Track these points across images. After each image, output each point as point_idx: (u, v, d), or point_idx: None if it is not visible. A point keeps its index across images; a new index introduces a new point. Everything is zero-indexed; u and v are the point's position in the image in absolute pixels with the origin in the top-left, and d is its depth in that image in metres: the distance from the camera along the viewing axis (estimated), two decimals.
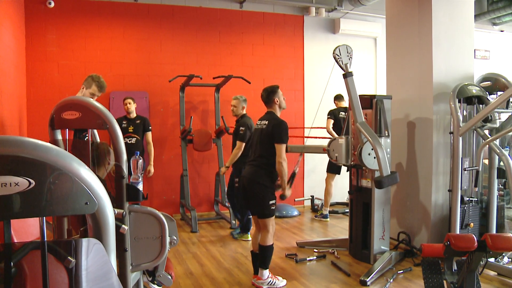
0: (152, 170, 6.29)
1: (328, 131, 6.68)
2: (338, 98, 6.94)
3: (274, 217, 4.11)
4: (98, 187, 1.05)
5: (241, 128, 5.61)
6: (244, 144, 5.56)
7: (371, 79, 8.40)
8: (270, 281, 4.08)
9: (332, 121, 6.69)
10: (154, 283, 2.87)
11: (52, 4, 6.28)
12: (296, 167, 4.50)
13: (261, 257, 4.09)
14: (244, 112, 5.83)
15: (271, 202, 4.04)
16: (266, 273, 4.08)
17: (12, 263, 1.02)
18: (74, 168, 1.01)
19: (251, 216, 5.46)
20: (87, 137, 3.22)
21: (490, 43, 9.48)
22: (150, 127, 6.25)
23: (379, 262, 4.43)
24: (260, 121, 4.24)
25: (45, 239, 1.08)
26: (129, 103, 6.10)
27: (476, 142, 4.86)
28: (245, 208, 5.30)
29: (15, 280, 1.04)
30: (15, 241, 2.31)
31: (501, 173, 4.63)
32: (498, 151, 4.40)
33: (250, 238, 5.65)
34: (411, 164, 5.25)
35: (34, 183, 0.95)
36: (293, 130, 7.11)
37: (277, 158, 4.00)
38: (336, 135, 6.32)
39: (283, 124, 4.09)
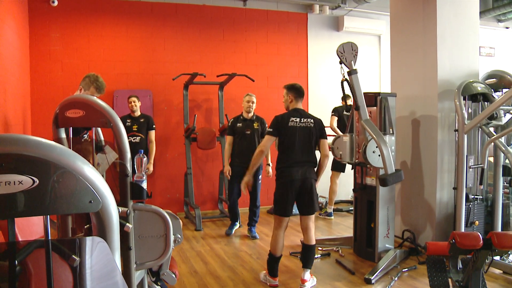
0: (151, 168, 6.28)
1: (331, 128, 6.66)
2: (345, 97, 6.89)
3: None
4: (102, 186, 1.04)
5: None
6: None
7: (376, 76, 8.37)
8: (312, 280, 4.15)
9: (336, 118, 6.67)
10: (157, 284, 2.87)
11: (56, 3, 6.29)
12: None
13: (309, 256, 4.08)
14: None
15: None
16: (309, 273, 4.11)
17: (16, 262, 1.02)
18: (78, 166, 1.00)
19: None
20: (85, 137, 3.21)
21: (495, 40, 9.43)
22: (154, 126, 6.25)
23: (384, 260, 4.42)
24: (300, 118, 4.08)
25: (49, 238, 1.08)
26: (134, 102, 6.09)
27: (481, 139, 4.84)
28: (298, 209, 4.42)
29: (19, 279, 1.04)
30: (19, 239, 2.31)
31: (507, 171, 4.62)
32: (504, 149, 4.38)
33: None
34: (415, 162, 5.23)
35: (38, 181, 0.95)
36: None
37: (325, 153, 4.14)
38: (340, 133, 6.31)
39: (321, 120, 4.23)
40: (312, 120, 4.11)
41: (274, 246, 4.05)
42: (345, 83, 4.44)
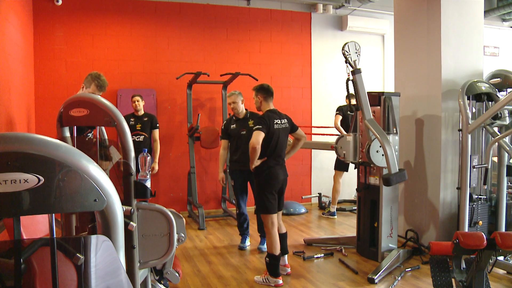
0: (156, 167, 6.25)
1: (336, 127, 6.65)
2: (350, 96, 6.87)
3: None
4: (107, 184, 1.05)
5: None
6: None
7: (379, 76, 8.35)
8: None
9: (340, 117, 6.66)
10: (161, 283, 2.88)
11: (60, 2, 6.31)
12: None
13: (285, 243, 4.39)
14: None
15: None
16: None
17: (22, 260, 1.02)
18: (83, 165, 1.01)
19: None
20: (89, 136, 3.22)
21: (500, 40, 9.40)
22: (157, 125, 6.24)
23: (387, 260, 4.41)
24: (279, 120, 4.22)
25: (54, 236, 1.08)
26: (138, 101, 6.09)
27: (485, 139, 4.83)
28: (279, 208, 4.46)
29: (24, 277, 1.04)
30: (24, 237, 2.32)
31: (511, 171, 4.60)
32: (508, 149, 4.36)
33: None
34: (419, 161, 5.22)
35: (43, 180, 0.95)
36: (301, 128, 7.09)
37: (303, 135, 4.50)
38: (343, 131, 6.30)
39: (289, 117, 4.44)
40: (286, 120, 4.30)
41: (274, 246, 4.09)
42: (350, 83, 4.46)
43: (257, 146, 3.98)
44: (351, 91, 4.51)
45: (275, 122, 4.15)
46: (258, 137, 3.99)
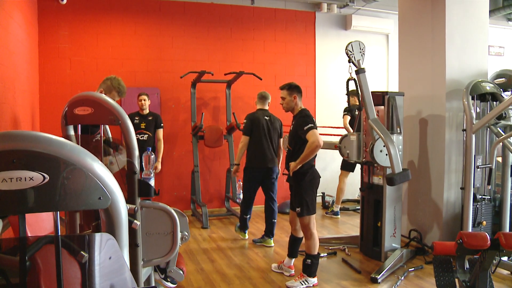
0: (159, 166, 6.26)
1: (345, 127, 6.65)
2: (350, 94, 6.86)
3: None
4: (111, 182, 1.05)
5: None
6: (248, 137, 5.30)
7: (383, 75, 8.34)
8: None
9: (348, 118, 6.65)
10: (167, 281, 2.89)
11: (65, 1, 6.32)
12: None
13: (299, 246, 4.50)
14: (264, 107, 5.52)
15: None
16: None
17: (26, 257, 1.03)
18: (88, 163, 1.01)
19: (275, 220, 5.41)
20: (97, 138, 3.23)
21: (505, 39, 9.35)
22: (162, 124, 6.24)
23: (390, 259, 4.40)
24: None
25: (59, 234, 1.09)
26: (144, 100, 6.07)
27: (490, 139, 4.81)
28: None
29: (29, 274, 1.05)
30: (29, 235, 2.33)
31: None
32: None
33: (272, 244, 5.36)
34: (423, 161, 5.21)
35: (48, 177, 0.96)
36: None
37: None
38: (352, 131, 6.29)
39: None
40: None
41: (316, 246, 4.03)
42: (351, 82, 4.47)
43: (322, 143, 3.88)
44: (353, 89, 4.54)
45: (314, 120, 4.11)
46: (319, 136, 3.89)
